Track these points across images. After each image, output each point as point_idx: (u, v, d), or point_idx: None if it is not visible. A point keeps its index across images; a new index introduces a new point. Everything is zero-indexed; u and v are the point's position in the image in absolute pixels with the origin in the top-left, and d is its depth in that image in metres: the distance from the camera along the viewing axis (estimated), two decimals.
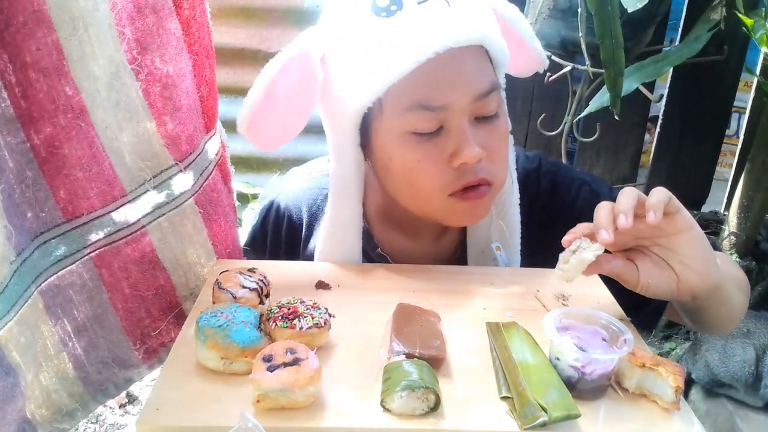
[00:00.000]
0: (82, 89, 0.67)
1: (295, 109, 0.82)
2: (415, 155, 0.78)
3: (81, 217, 0.72)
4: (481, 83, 0.77)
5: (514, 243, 0.90)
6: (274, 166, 2.31)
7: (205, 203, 0.83)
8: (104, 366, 0.81)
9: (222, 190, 0.88)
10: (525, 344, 0.67)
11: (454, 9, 0.75)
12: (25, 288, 0.69)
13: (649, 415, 0.60)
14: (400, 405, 0.57)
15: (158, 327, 0.83)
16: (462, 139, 0.76)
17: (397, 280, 0.83)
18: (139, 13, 0.69)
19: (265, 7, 2.14)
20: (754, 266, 1.92)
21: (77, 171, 0.70)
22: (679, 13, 2.02)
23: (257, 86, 0.78)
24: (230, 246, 0.90)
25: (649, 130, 2.34)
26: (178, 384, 0.62)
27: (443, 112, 0.76)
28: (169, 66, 0.73)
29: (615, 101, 1.28)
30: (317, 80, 0.81)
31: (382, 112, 0.78)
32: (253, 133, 0.80)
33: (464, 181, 0.78)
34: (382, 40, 0.75)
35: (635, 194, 0.69)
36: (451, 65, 0.75)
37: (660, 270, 0.72)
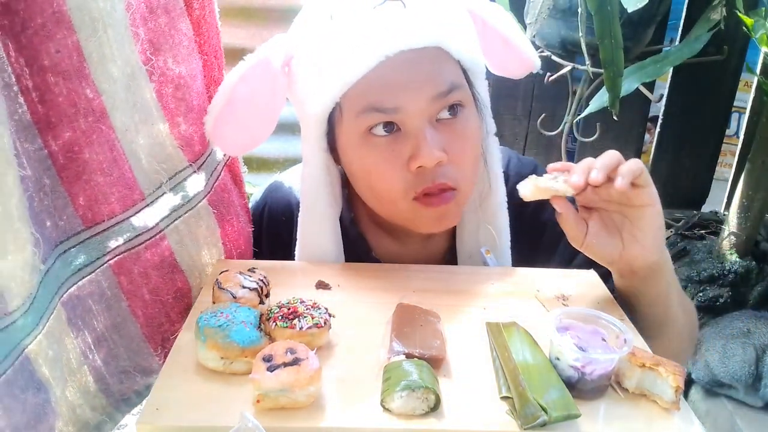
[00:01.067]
0: (102, 92, 0.65)
1: (258, 116, 0.83)
2: (373, 158, 0.78)
3: (101, 224, 0.71)
4: (437, 84, 0.76)
5: (503, 246, 0.90)
6: (274, 166, 2.30)
7: (217, 203, 0.82)
8: (125, 375, 0.80)
9: (233, 190, 0.88)
10: (525, 344, 0.67)
11: (409, 11, 0.74)
12: (50, 299, 0.66)
13: (649, 415, 0.60)
14: (400, 405, 0.57)
15: (176, 330, 0.81)
16: (419, 141, 0.75)
17: (397, 280, 0.83)
18: (151, 14, 0.68)
19: (265, 7, 2.13)
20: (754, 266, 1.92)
21: (98, 176, 0.68)
22: (679, 13, 2.02)
23: (219, 95, 0.79)
24: (242, 246, 0.90)
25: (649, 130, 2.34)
26: (178, 384, 0.62)
27: (397, 114, 0.75)
28: (182, 67, 0.73)
29: (614, 102, 1.28)
30: (279, 86, 0.82)
31: (342, 117, 0.78)
32: (219, 140, 0.82)
33: (424, 185, 0.77)
34: (335, 45, 0.75)
35: (616, 157, 0.72)
36: (404, 67, 0.74)
37: (609, 234, 0.76)
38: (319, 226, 0.88)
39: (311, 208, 0.87)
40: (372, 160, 0.78)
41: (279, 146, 2.27)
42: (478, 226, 0.90)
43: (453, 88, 0.77)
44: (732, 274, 1.87)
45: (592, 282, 0.84)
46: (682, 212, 2.16)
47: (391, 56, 0.73)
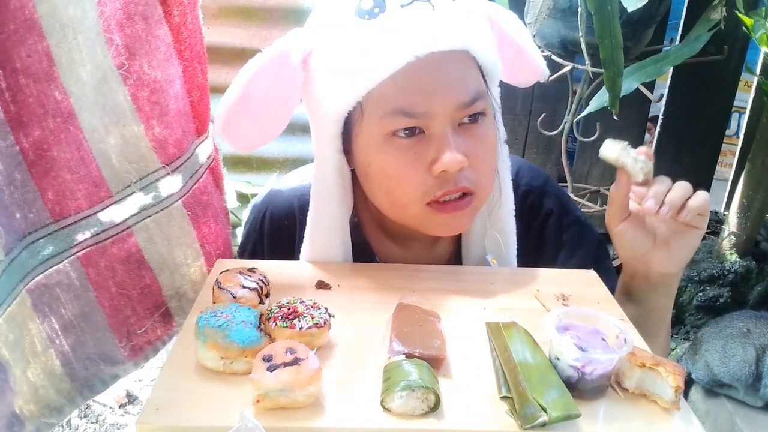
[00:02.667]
0: (71, 94, 0.68)
1: (272, 111, 0.81)
2: (395, 161, 0.76)
3: (68, 218, 0.74)
4: (465, 91, 0.75)
5: (509, 254, 0.90)
6: (274, 166, 2.31)
7: (193, 205, 0.83)
8: (91, 362, 0.82)
9: (213, 193, 0.88)
10: (525, 344, 0.67)
11: (438, 13, 0.73)
12: (13, 287, 0.70)
13: (648, 415, 0.60)
14: (400, 405, 0.57)
15: (144, 325, 0.84)
16: (443, 145, 0.74)
17: (397, 280, 0.83)
18: (128, 20, 0.70)
19: (265, 7, 2.13)
20: (754, 266, 1.92)
21: (65, 173, 0.71)
22: (679, 13, 2.02)
23: (234, 86, 0.77)
24: (221, 247, 0.90)
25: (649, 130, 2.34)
26: (178, 384, 0.62)
27: (425, 118, 0.74)
28: (158, 71, 0.74)
29: (614, 101, 1.27)
30: (296, 82, 0.80)
31: (362, 117, 0.77)
32: (229, 134, 0.80)
33: (444, 189, 0.76)
34: (363, 43, 0.74)
35: (687, 191, 0.75)
36: (433, 71, 0.73)
37: (645, 232, 0.79)
38: (330, 228, 0.86)
39: (322, 210, 0.85)
40: (393, 162, 0.76)
41: (279, 146, 2.27)
42: (485, 234, 0.90)
43: (478, 96, 0.76)
44: (732, 274, 1.88)
45: (592, 282, 0.84)
46: None
47: (421, 57, 0.72)
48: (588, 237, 0.95)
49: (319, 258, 0.88)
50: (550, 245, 0.95)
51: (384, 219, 0.89)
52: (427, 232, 0.83)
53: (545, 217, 0.94)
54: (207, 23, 0.81)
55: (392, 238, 0.93)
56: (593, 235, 0.96)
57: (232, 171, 2.31)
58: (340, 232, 0.87)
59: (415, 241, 0.92)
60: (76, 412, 1.87)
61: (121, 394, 1.91)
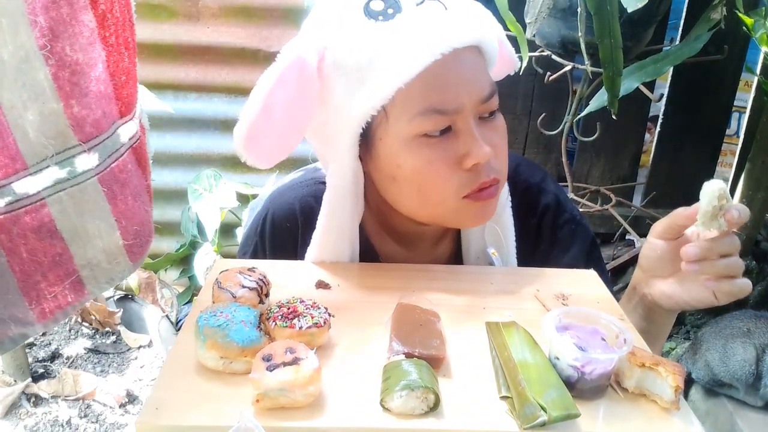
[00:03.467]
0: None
1: (294, 122, 0.79)
2: (427, 158, 0.76)
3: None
4: (485, 84, 0.77)
5: (508, 246, 0.90)
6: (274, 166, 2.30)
7: (110, 182, 0.86)
8: (0, 322, 0.86)
9: (133, 171, 0.91)
10: (525, 344, 0.67)
11: (451, 11, 0.75)
12: None
13: (648, 414, 0.60)
14: (400, 405, 0.57)
15: (54, 291, 0.88)
16: (472, 139, 0.76)
17: (397, 280, 0.83)
18: (53, 4, 0.74)
19: (265, 7, 2.13)
20: (755, 266, 1.92)
21: None
22: (679, 13, 2.02)
23: (254, 100, 0.75)
24: (138, 224, 0.93)
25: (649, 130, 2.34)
26: (177, 384, 0.62)
27: (455, 114, 0.75)
28: (79, 54, 0.77)
29: (613, 101, 1.27)
30: (315, 89, 0.77)
31: (387, 120, 0.76)
32: (252, 151, 0.78)
33: (479, 182, 0.77)
34: (383, 44, 0.73)
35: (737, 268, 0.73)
36: (457, 66, 0.75)
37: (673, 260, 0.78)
38: (341, 232, 0.86)
39: (334, 214, 0.84)
40: (426, 159, 0.76)
41: None
42: (484, 226, 0.90)
43: (494, 89, 0.78)
44: None
45: (592, 282, 0.84)
46: None
47: (446, 54, 0.73)
48: (581, 236, 0.95)
49: (327, 258, 0.88)
50: (546, 242, 0.95)
51: (388, 220, 0.89)
52: (460, 226, 0.85)
53: (542, 214, 0.95)
54: (207, 23, 0.82)
55: (395, 239, 0.93)
56: (587, 235, 0.96)
57: (232, 170, 2.31)
58: (350, 238, 0.87)
59: (418, 240, 0.92)
60: (76, 411, 1.88)
61: (121, 394, 1.92)
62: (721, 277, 0.72)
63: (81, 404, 1.90)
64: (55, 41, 0.75)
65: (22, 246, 0.82)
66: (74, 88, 0.78)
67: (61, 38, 0.75)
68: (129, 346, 2.12)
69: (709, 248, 0.71)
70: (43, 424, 1.83)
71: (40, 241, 0.83)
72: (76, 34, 0.76)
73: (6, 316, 0.85)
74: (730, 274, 0.72)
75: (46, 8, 0.73)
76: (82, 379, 1.94)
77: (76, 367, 2.03)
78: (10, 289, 0.84)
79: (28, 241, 0.82)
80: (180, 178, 2.27)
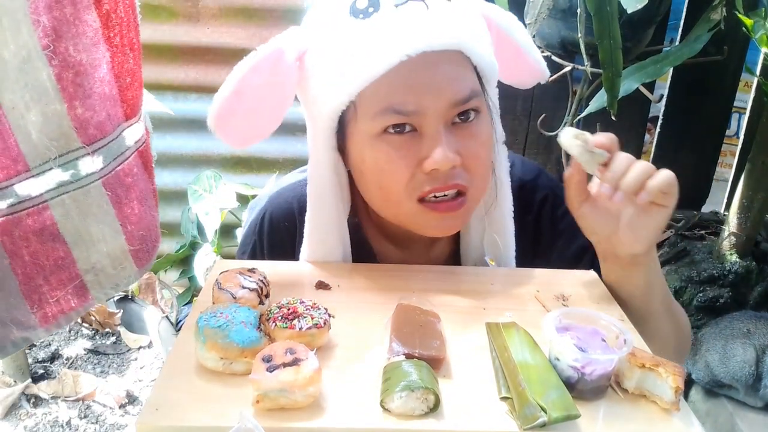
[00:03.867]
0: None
1: (266, 109, 0.81)
2: (387, 156, 0.77)
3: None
4: (457, 90, 0.75)
5: (508, 256, 0.90)
6: (274, 166, 2.31)
7: (115, 186, 0.86)
8: (2, 325, 0.85)
9: (139, 175, 0.91)
10: (525, 344, 0.67)
11: (432, 12, 0.74)
12: None
13: (648, 415, 0.60)
14: (400, 405, 0.57)
15: (57, 295, 0.87)
16: (435, 143, 0.75)
17: (397, 280, 0.83)
18: (57, 3, 0.73)
19: (265, 7, 2.13)
20: (754, 266, 1.92)
21: None
22: (679, 13, 2.02)
23: (227, 83, 0.78)
24: (144, 228, 0.93)
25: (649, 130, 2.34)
26: (177, 384, 0.62)
27: (416, 116, 0.75)
28: (83, 55, 0.77)
29: (612, 102, 1.27)
30: (290, 80, 0.80)
31: (356, 115, 0.77)
32: (221, 130, 0.80)
33: (434, 185, 0.77)
34: (356, 42, 0.74)
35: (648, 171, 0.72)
36: (425, 69, 0.74)
37: (607, 213, 0.77)
38: (327, 227, 0.87)
39: (319, 209, 0.86)
40: (384, 157, 0.77)
41: (279, 146, 2.27)
42: (484, 235, 0.90)
43: (472, 95, 0.76)
44: (732, 275, 1.87)
45: (592, 282, 0.84)
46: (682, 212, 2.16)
47: (413, 56, 0.73)
48: None
49: (317, 258, 0.88)
50: (547, 236, 0.94)
51: (382, 219, 0.89)
52: (420, 232, 0.83)
53: (539, 209, 0.95)
54: (207, 23, 0.82)
55: (390, 239, 0.93)
56: None
57: (232, 171, 2.31)
58: (338, 232, 0.87)
59: (413, 241, 0.92)
60: (76, 412, 1.88)
61: (121, 394, 1.91)
62: (642, 187, 0.72)
63: (81, 405, 1.90)
64: (59, 41, 0.74)
65: (24, 249, 0.81)
66: (78, 89, 0.77)
67: (65, 38, 0.74)
68: (129, 347, 2.12)
69: (612, 175, 0.73)
70: (43, 425, 1.83)
71: (43, 244, 0.82)
72: (79, 34, 0.75)
73: (8, 320, 0.84)
74: (645, 178, 0.72)
75: (49, 7, 0.72)
76: (82, 380, 1.94)
77: (76, 368, 2.03)
78: (12, 293, 0.83)
79: (30, 243, 0.81)
80: (180, 179, 2.27)
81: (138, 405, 1.92)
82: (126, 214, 0.88)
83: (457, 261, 0.93)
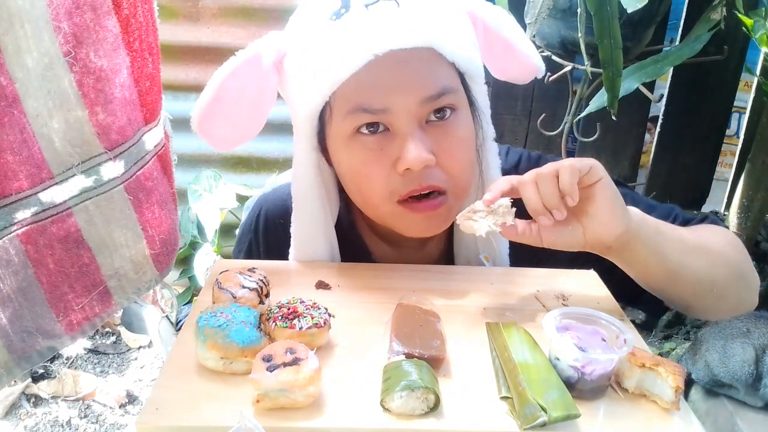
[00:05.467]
0: (16, 80, 0.71)
1: (246, 112, 0.83)
2: (360, 159, 0.77)
3: (9, 197, 0.76)
4: (427, 86, 0.75)
5: (502, 252, 0.89)
6: (274, 166, 2.31)
7: (136, 190, 0.86)
8: (28, 335, 0.84)
9: (159, 179, 0.90)
10: (525, 344, 0.67)
11: (402, 11, 0.74)
12: None
13: (648, 415, 0.60)
14: (400, 405, 0.57)
15: (81, 302, 0.87)
16: (406, 143, 0.75)
17: (397, 280, 0.83)
18: (77, 9, 0.73)
19: (265, 8, 2.13)
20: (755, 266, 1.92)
21: (8, 155, 0.74)
22: (679, 13, 2.02)
23: (208, 88, 0.81)
24: (165, 232, 0.93)
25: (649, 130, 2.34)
26: (178, 384, 0.62)
27: (385, 114, 0.75)
28: (104, 60, 0.77)
29: (613, 102, 1.27)
30: (269, 84, 0.82)
31: (332, 116, 0.78)
32: (204, 133, 0.83)
33: (410, 188, 0.76)
34: (328, 43, 0.75)
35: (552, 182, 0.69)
36: (394, 68, 0.74)
37: (565, 224, 0.73)
38: (310, 226, 0.87)
39: (303, 209, 0.87)
40: (359, 160, 0.77)
41: (279, 146, 2.27)
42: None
43: (445, 91, 0.76)
44: None
45: (592, 282, 0.84)
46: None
47: (381, 56, 0.73)
48: None
49: (304, 256, 0.89)
50: None
51: (371, 219, 0.89)
52: (405, 233, 0.83)
53: None
54: (207, 23, 0.83)
55: (383, 238, 0.94)
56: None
57: (232, 171, 2.31)
58: (323, 231, 0.87)
59: (404, 239, 0.91)
60: (76, 412, 1.88)
61: (121, 394, 1.92)
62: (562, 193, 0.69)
63: (81, 405, 1.90)
64: (80, 47, 0.74)
65: (49, 257, 0.81)
66: (99, 95, 0.77)
67: (85, 44, 0.74)
68: (129, 347, 2.12)
69: (533, 206, 0.70)
70: (43, 425, 1.83)
71: (67, 251, 0.82)
72: (100, 39, 0.75)
73: (34, 329, 0.84)
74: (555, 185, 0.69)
75: (70, 14, 0.72)
76: (82, 380, 1.94)
77: (76, 368, 2.03)
78: (38, 302, 0.83)
79: (54, 251, 0.81)
80: (180, 179, 2.25)
81: (138, 405, 1.92)
82: (147, 218, 0.88)
83: (450, 259, 0.93)
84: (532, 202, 0.70)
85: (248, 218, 0.99)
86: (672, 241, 0.78)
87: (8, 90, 0.71)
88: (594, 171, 0.70)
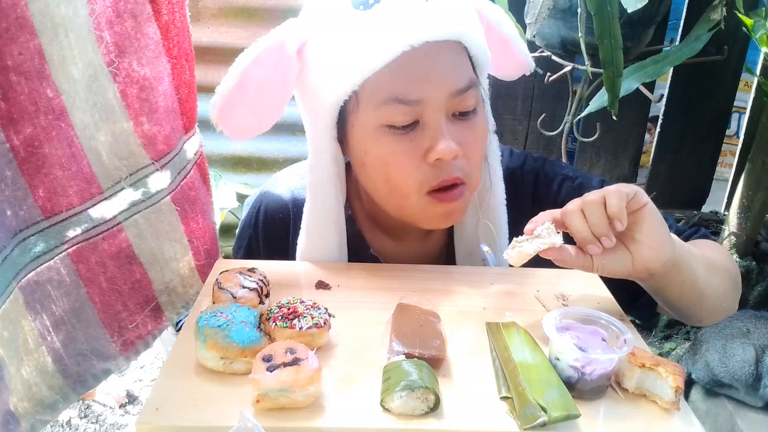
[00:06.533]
0: (62, 92, 0.69)
1: (268, 100, 0.82)
2: (390, 149, 0.77)
3: (60, 214, 0.74)
4: (458, 79, 0.76)
5: (501, 243, 0.90)
6: (274, 166, 2.30)
7: (182, 201, 0.84)
8: (83, 358, 0.83)
9: (200, 188, 0.90)
10: (525, 344, 0.67)
11: (431, 4, 0.75)
12: (6, 285, 0.71)
13: (648, 415, 0.60)
14: (400, 405, 0.57)
15: (135, 320, 0.85)
16: (438, 134, 0.76)
17: (397, 280, 0.83)
18: (118, 18, 0.71)
19: (265, 7, 2.14)
20: (754, 266, 1.92)
21: (57, 170, 0.72)
22: (679, 13, 2.02)
23: (229, 75, 0.78)
24: (208, 242, 0.92)
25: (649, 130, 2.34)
26: (178, 384, 0.62)
27: (419, 106, 0.75)
28: (147, 69, 0.75)
29: (613, 102, 1.27)
30: (292, 72, 0.81)
31: (358, 106, 0.78)
32: (224, 122, 0.81)
33: (440, 178, 0.77)
34: (358, 33, 0.75)
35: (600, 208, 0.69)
36: (427, 59, 0.75)
37: (615, 250, 0.72)
38: (326, 217, 0.87)
39: (319, 200, 0.86)
40: (389, 150, 0.77)
41: (279, 146, 2.27)
42: (477, 224, 0.90)
43: (471, 84, 0.78)
44: None
45: (592, 282, 0.84)
46: (682, 212, 2.16)
47: (416, 47, 0.73)
48: (587, 183, 0.92)
49: (315, 250, 0.88)
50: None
51: (376, 211, 0.89)
52: (424, 225, 0.84)
53: (533, 192, 0.95)
54: (207, 23, 0.82)
55: (384, 231, 0.94)
56: (595, 180, 0.94)
57: (232, 171, 2.31)
58: (336, 222, 0.87)
59: (406, 233, 0.92)
60: (76, 411, 1.88)
61: (121, 394, 1.91)
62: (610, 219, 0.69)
63: (81, 405, 1.90)
64: (122, 57, 0.72)
65: (102, 275, 0.79)
66: (143, 105, 0.75)
67: (128, 53, 0.73)
68: None
69: (581, 236, 0.70)
70: None
71: (119, 267, 0.80)
72: (142, 48, 0.74)
73: (88, 352, 0.82)
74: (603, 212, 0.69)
75: (111, 23, 0.70)
76: None
77: None
78: (92, 323, 0.81)
79: (107, 269, 0.79)
80: None
81: (138, 405, 1.92)
82: (192, 228, 0.87)
83: (451, 251, 0.94)
84: (581, 231, 0.70)
85: (249, 213, 0.99)
86: (698, 260, 0.79)
87: (55, 102, 0.69)
88: (639, 196, 0.71)
